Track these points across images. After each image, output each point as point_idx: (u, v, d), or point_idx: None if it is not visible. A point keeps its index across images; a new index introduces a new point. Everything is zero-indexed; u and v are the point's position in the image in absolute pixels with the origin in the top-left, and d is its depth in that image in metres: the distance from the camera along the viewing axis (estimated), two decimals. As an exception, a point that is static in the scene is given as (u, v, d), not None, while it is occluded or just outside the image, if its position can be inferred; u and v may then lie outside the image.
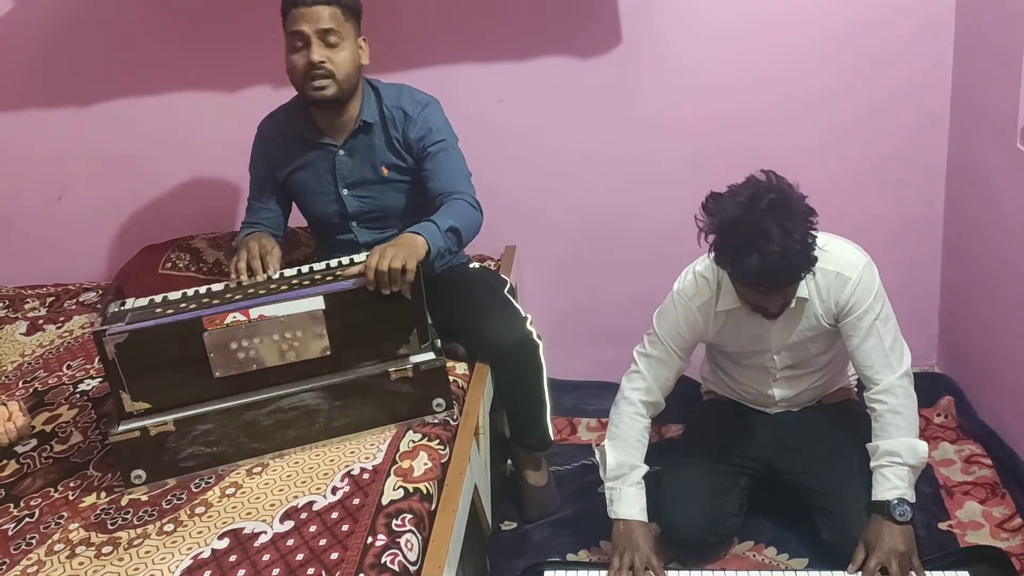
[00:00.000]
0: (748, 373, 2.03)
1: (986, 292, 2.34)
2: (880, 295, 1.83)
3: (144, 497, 1.66)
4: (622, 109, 2.51)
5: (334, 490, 1.62)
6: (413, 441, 1.74)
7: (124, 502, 1.65)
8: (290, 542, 1.50)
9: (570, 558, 2.08)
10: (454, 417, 1.83)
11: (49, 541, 1.56)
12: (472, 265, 2.32)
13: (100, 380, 2.06)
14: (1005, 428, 2.27)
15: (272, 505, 1.60)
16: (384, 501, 1.56)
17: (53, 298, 2.60)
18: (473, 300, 2.07)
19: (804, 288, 1.80)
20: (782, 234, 1.60)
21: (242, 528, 1.54)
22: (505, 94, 2.52)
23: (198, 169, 2.68)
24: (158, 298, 1.76)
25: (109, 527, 1.58)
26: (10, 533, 1.59)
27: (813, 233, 1.66)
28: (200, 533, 1.54)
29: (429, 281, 1.80)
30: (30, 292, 2.64)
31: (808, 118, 2.46)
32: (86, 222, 2.76)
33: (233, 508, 1.60)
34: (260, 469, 1.71)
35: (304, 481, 1.66)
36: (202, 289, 1.80)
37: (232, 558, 1.48)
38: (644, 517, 1.90)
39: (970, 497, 2.13)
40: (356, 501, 1.58)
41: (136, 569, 1.47)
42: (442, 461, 1.71)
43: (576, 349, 2.73)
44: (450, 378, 1.87)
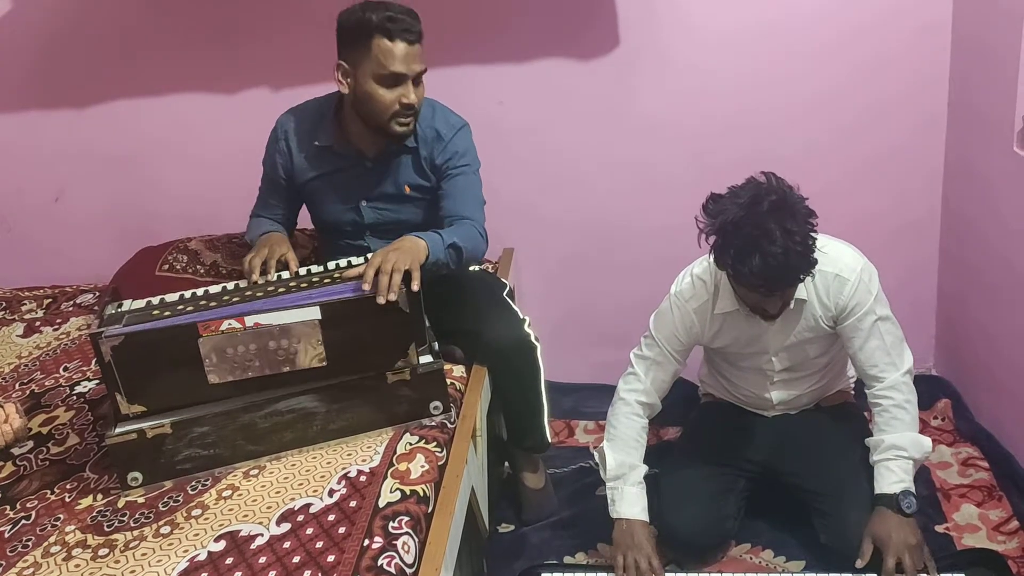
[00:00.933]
0: (746, 376, 2.03)
1: (984, 295, 2.35)
2: (879, 296, 1.84)
3: (141, 499, 1.65)
4: (621, 111, 2.51)
5: (331, 492, 1.61)
6: (410, 443, 1.73)
7: (121, 504, 1.65)
8: (287, 544, 1.50)
9: (567, 560, 2.09)
10: (451, 419, 1.83)
11: (45, 543, 1.55)
12: (470, 267, 2.31)
13: (97, 382, 2.05)
14: (1002, 431, 2.27)
15: (269, 507, 1.59)
16: (381, 503, 1.56)
17: (50, 300, 2.59)
18: (471, 302, 2.07)
19: (802, 290, 1.80)
20: (784, 235, 1.60)
21: (239, 530, 1.54)
22: (505, 96, 2.52)
23: (196, 171, 2.67)
24: (155, 300, 1.76)
25: (106, 529, 1.58)
26: (6, 535, 1.58)
27: (814, 235, 1.66)
28: (197, 535, 1.54)
29: (426, 283, 1.79)
30: (27, 294, 2.64)
31: (806, 121, 2.46)
32: (84, 223, 2.76)
33: (230, 510, 1.60)
34: (257, 471, 1.71)
35: (301, 483, 1.65)
36: (200, 291, 1.80)
37: (228, 560, 1.47)
38: (645, 517, 1.90)
39: (967, 500, 2.14)
40: (353, 503, 1.57)
41: (132, 571, 1.47)
42: (439, 463, 1.70)
43: (574, 351, 2.74)
44: (448, 380, 1.86)
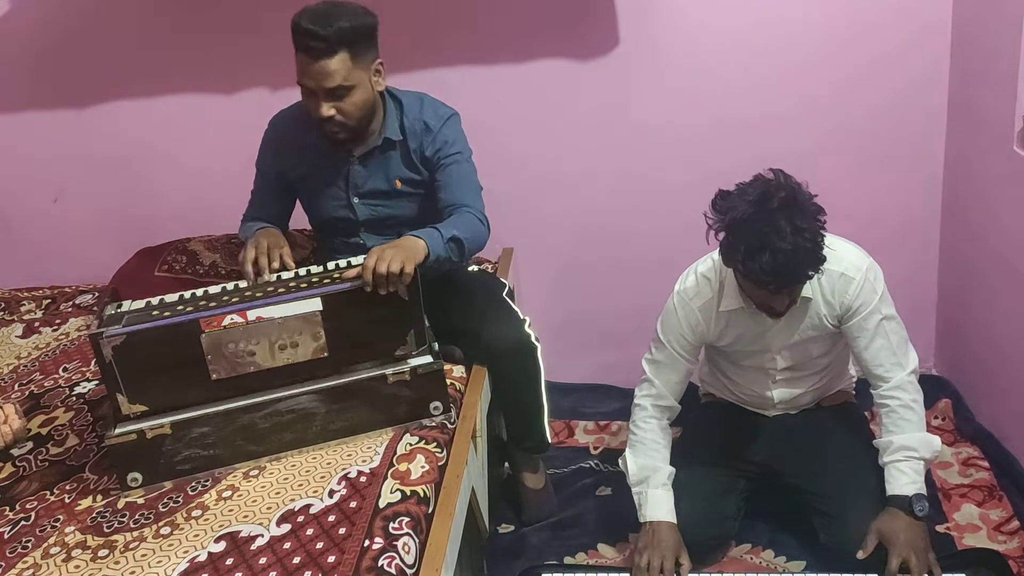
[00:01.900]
0: (747, 375, 2.03)
1: (984, 295, 2.35)
2: (885, 295, 1.84)
3: (140, 500, 1.65)
4: (620, 112, 2.51)
5: (331, 493, 1.61)
6: (410, 444, 1.73)
7: (120, 505, 1.64)
8: (287, 545, 1.49)
9: (568, 561, 2.08)
10: (451, 420, 1.83)
11: (45, 544, 1.55)
12: (470, 267, 2.31)
13: (97, 383, 2.05)
14: (1003, 431, 2.27)
15: (269, 508, 1.59)
16: (381, 504, 1.56)
17: (49, 300, 2.59)
18: (471, 302, 2.07)
19: (808, 288, 1.80)
20: (794, 232, 1.59)
21: (239, 531, 1.54)
22: (503, 96, 2.52)
23: (195, 172, 2.67)
24: (155, 300, 1.76)
25: (105, 530, 1.58)
26: (6, 536, 1.58)
27: (823, 232, 1.66)
28: (197, 536, 1.54)
29: (427, 283, 1.80)
30: (26, 295, 2.63)
31: (806, 121, 2.46)
32: (82, 224, 2.76)
33: (230, 511, 1.60)
34: (257, 472, 1.71)
35: (301, 484, 1.65)
36: (199, 291, 1.80)
37: (229, 561, 1.47)
38: (672, 518, 1.90)
39: (967, 500, 2.13)
40: (353, 504, 1.57)
41: (132, 572, 1.47)
42: (439, 464, 1.70)
43: (574, 352, 2.73)
44: (447, 381, 1.86)
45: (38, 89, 2.64)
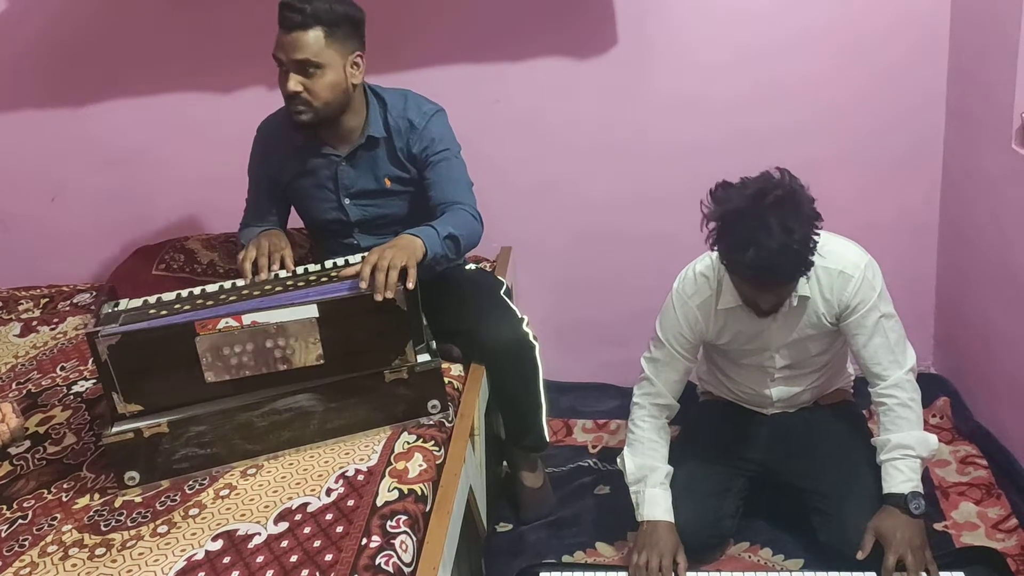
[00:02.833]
0: (746, 373, 2.03)
1: (982, 294, 2.35)
2: (883, 293, 1.84)
3: (138, 499, 1.65)
4: (619, 111, 2.51)
5: (328, 491, 1.61)
6: (408, 442, 1.73)
7: (118, 504, 1.64)
8: (284, 543, 1.49)
9: (566, 560, 2.08)
10: (449, 418, 1.83)
11: (42, 543, 1.55)
12: (468, 266, 2.31)
13: (94, 382, 2.05)
14: (1001, 429, 2.27)
15: (266, 506, 1.59)
16: (379, 502, 1.56)
17: (47, 299, 2.59)
18: (469, 301, 2.06)
19: (806, 286, 1.80)
20: (783, 232, 1.59)
21: (236, 530, 1.54)
22: (501, 95, 2.52)
23: (192, 170, 2.67)
24: (152, 299, 1.75)
25: (103, 529, 1.57)
26: (3, 535, 1.58)
27: (814, 238, 1.65)
28: (194, 535, 1.54)
29: (424, 282, 1.79)
30: (24, 293, 2.63)
31: (806, 120, 2.46)
32: (80, 223, 2.75)
33: (227, 509, 1.60)
34: (254, 470, 1.70)
35: (299, 482, 1.65)
36: (196, 290, 1.79)
37: (226, 560, 1.47)
38: (670, 517, 1.90)
39: (966, 498, 2.13)
40: (351, 502, 1.57)
41: (130, 571, 1.46)
42: (437, 462, 1.70)
43: (572, 350, 2.73)
44: (445, 379, 1.86)
45: (35, 88, 2.63)
